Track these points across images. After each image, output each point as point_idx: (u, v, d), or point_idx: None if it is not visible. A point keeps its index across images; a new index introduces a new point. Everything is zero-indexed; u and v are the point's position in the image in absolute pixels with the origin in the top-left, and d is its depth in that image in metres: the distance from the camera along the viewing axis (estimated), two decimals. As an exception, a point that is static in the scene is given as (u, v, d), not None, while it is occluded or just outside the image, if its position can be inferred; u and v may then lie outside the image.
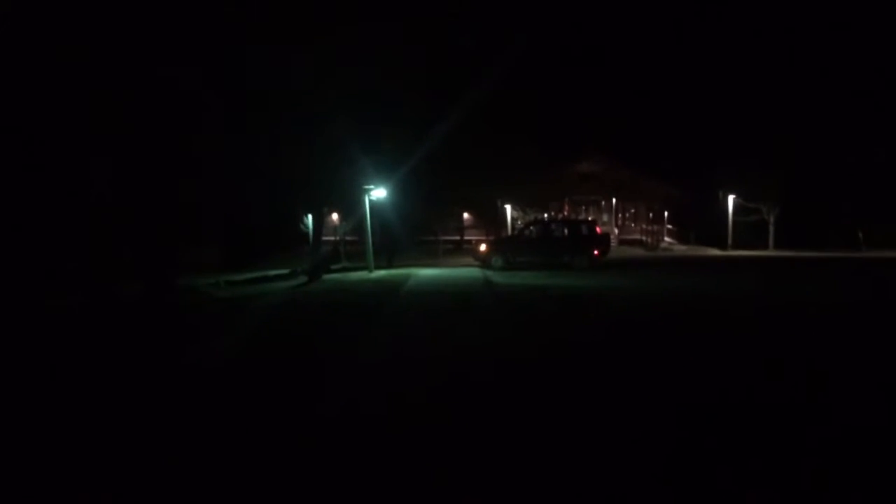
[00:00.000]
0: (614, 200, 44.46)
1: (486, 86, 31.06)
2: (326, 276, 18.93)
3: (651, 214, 46.03)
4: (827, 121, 38.47)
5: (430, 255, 33.38)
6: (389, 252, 28.49)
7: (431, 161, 27.73)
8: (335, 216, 38.41)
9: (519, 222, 39.90)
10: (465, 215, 44.11)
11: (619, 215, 45.10)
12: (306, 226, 31.24)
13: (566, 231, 21.91)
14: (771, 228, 40.43)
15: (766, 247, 40.01)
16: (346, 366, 6.10)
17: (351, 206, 24.70)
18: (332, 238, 36.25)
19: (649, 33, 54.31)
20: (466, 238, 40.90)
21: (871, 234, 37.91)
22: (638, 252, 36.10)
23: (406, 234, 33.19)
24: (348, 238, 34.84)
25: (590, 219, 32.27)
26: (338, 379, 5.56)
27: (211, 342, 7.88)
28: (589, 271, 19.64)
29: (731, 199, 39.75)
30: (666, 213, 46.64)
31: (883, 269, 20.32)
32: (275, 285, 17.45)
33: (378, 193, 20.80)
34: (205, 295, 14.41)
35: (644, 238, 42.33)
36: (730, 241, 39.65)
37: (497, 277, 17.32)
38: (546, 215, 38.63)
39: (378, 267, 23.79)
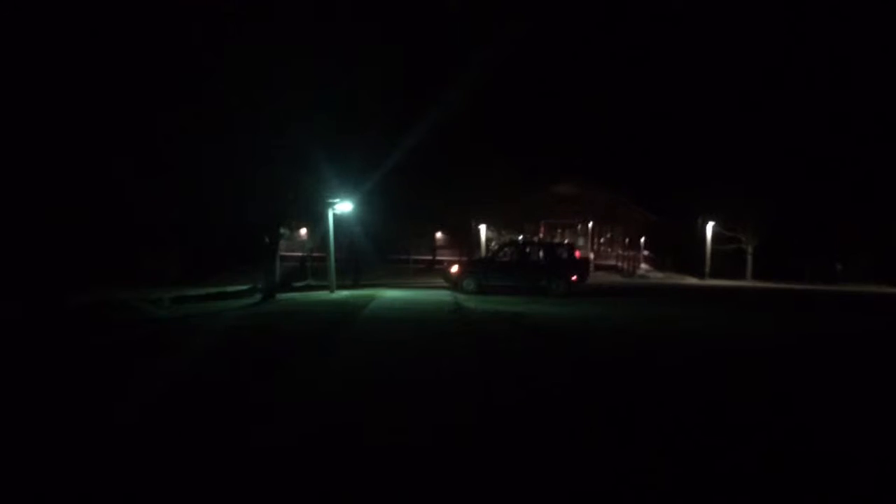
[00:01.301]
0: (591, 224, 43.52)
1: (462, 102, 30.04)
2: (284, 295, 17.48)
3: (628, 240, 45.21)
4: (810, 151, 37.94)
5: (401, 274, 32.06)
6: (356, 270, 27.08)
7: (404, 176, 26.50)
8: (303, 231, 37.03)
9: (493, 244, 38.74)
10: (439, 234, 42.89)
11: (596, 240, 44.12)
12: (274, 240, 29.79)
13: (543, 254, 20.66)
14: (749, 258, 39.69)
15: (743, 276, 39.24)
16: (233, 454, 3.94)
17: (318, 220, 23.27)
18: (300, 254, 34.83)
19: (632, 57, 53.81)
20: (439, 258, 39.64)
21: (850, 266, 37.35)
22: (615, 278, 35.04)
23: (376, 252, 31.86)
24: (316, 254, 33.31)
25: (568, 242, 31.10)
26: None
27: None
28: (565, 298, 18.44)
29: (710, 226, 38.96)
30: (643, 239, 45.83)
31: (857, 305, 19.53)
32: (225, 304, 15.96)
33: (343, 207, 19.39)
34: (133, 313, 12.84)
35: (620, 264, 41.31)
36: (707, 269, 38.80)
37: (468, 302, 15.99)
38: (521, 237, 37.42)
39: (343, 286, 22.38)
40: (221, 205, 19.54)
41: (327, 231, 19.42)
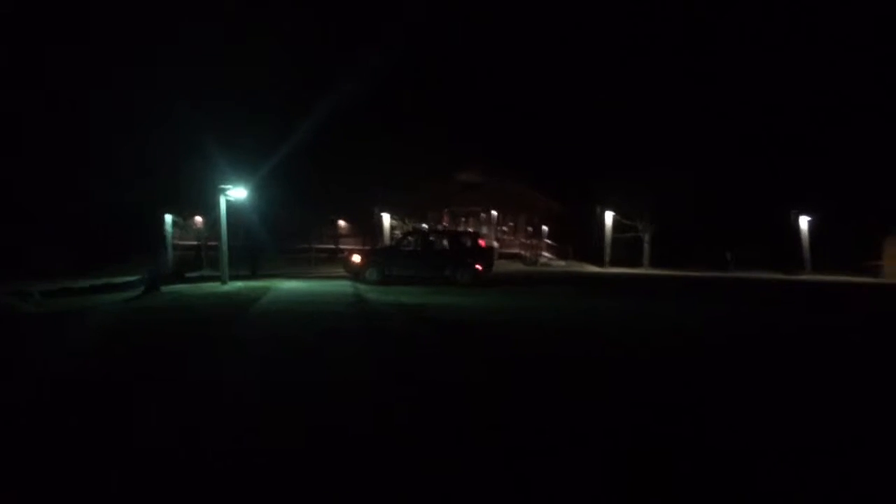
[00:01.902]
0: (494, 213, 43.50)
1: (365, 85, 29.21)
2: (171, 287, 16.22)
3: (531, 228, 45.54)
4: (706, 141, 39.27)
5: (302, 264, 30.91)
6: (253, 260, 25.83)
7: (304, 162, 25.51)
8: (198, 219, 35.22)
9: (397, 232, 38.08)
10: (342, 223, 41.80)
11: (500, 228, 44.17)
12: (165, 229, 28.21)
13: (448, 243, 20.19)
14: (646, 246, 40.72)
15: (641, 265, 40.23)
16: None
17: (211, 207, 21.94)
18: (196, 242, 33.09)
19: (538, 43, 54.10)
20: (342, 247, 38.60)
21: (740, 254, 38.89)
22: (517, 266, 35.13)
23: (276, 241, 30.58)
24: (212, 243, 31.71)
25: (472, 230, 30.81)
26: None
27: None
28: (471, 288, 18.07)
29: (608, 215, 39.69)
30: (545, 228, 46.30)
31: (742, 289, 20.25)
32: (104, 297, 14.59)
33: (237, 193, 18.23)
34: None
35: (523, 252, 41.53)
36: (607, 257, 39.55)
37: (370, 293, 15.32)
38: (425, 225, 36.91)
39: (239, 277, 21.21)
40: (109, 192, 18.16)
41: (219, 219, 18.21)
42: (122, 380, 5.79)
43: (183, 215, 32.15)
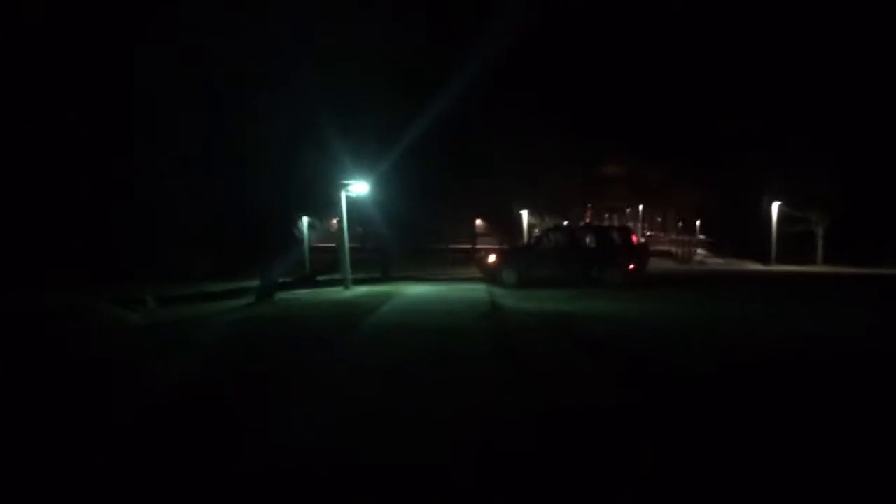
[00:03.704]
0: (641, 207, 40.24)
1: (500, 78, 27.25)
2: (290, 294, 14.96)
3: (681, 223, 41.84)
4: (888, 121, 33.78)
5: (436, 265, 29.34)
6: (384, 262, 24.55)
7: (438, 157, 23.88)
8: (335, 221, 34.64)
9: (536, 230, 35.83)
10: (478, 221, 40.08)
11: (646, 223, 40.78)
12: (300, 230, 27.60)
13: (595, 240, 17.67)
14: (820, 241, 35.92)
15: (813, 261, 35.52)
16: None
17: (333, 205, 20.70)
18: (333, 245, 32.46)
19: (682, 24, 49.65)
20: (478, 247, 36.86)
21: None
22: (669, 265, 31.83)
23: (408, 241, 29.24)
24: (349, 245, 30.91)
25: (623, 225, 27.94)
26: None
27: None
28: (622, 290, 15.57)
29: (775, 206, 35.30)
30: (698, 222, 42.36)
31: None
32: (218, 305, 13.46)
33: (358, 188, 16.72)
34: (94, 320, 10.33)
35: (674, 249, 38.02)
36: (773, 254, 35.22)
37: (506, 299, 13.20)
38: (566, 222, 34.32)
39: (370, 280, 19.88)
40: (255, 196, 17.36)
41: (341, 217, 16.80)
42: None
43: (319, 216, 31.59)
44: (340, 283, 17.04)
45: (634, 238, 18.05)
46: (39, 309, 10.99)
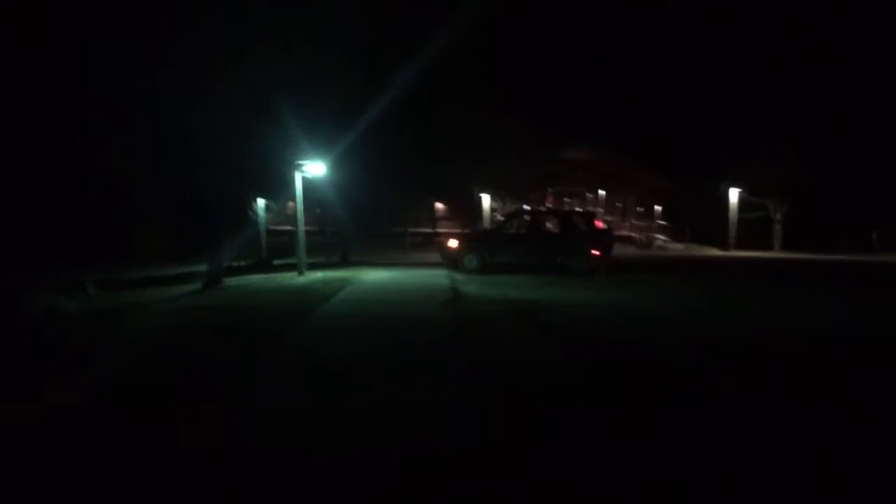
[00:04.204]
0: (602, 192, 40.04)
1: (462, 55, 26.50)
2: (241, 279, 14.22)
3: (641, 209, 41.80)
4: (844, 108, 33.96)
5: (396, 249, 28.71)
6: (343, 246, 23.89)
7: (396, 138, 23.13)
8: (292, 203, 33.67)
9: (497, 215, 35.29)
10: (438, 205, 39.44)
11: (607, 209, 40.62)
12: (255, 212, 26.73)
13: (559, 225, 17.22)
14: (777, 227, 36.17)
15: (770, 247, 35.76)
16: None
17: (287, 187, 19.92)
18: (290, 228, 31.63)
19: (645, 10, 49.52)
20: (439, 231, 36.26)
21: (888, 234, 33.83)
22: (630, 251, 31.67)
23: (367, 225, 28.50)
24: (307, 229, 30.09)
25: (587, 210, 27.54)
26: None
27: None
28: (587, 276, 15.17)
29: (734, 192, 35.40)
30: (657, 208, 42.36)
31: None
32: (163, 291, 12.67)
33: (314, 169, 15.95)
34: (23, 307, 9.50)
35: (635, 235, 37.95)
36: (732, 240, 35.37)
37: (468, 286, 12.65)
38: (527, 207, 33.89)
39: (328, 264, 19.21)
40: (201, 176, 16.49)
41: (296, 200, 16.06)
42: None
43: (275, 198, 30.72)
44: (296, 267, 16.32)
45: (598, 223, 17.64)
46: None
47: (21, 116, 14.59)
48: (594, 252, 16.41)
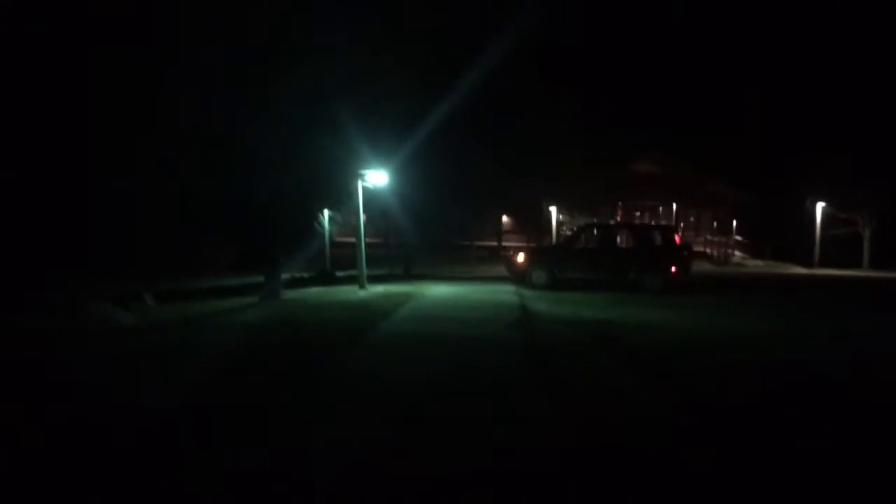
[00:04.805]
0: (675, 206, 38.51)
1: (531, 67, 25.85)
2: (301, 292, 13.84)
3: (716, 223, 40.05)
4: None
5: (461, 263, 28.03)
6: (407, 259, 23.38)
7: (462, 150, 22.56)
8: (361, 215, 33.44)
9: (565, 228, 34.28)
10: (505, 218, 38.63)
11: (681, 223, 39.03)
12: (321, 224, 26.55)
13: (634, 240, 16.23)
14: (866, 243, 33.99)
15: (858, 265, 33.59)
16: None
17: (365, 204, 19.52)
18: (354, 240, 31.36)
19: (727, 23, 47.58)
20: (505, 244, 35.46)
21: None
22: (705, 267, 30.11)
23: (431, 238, 27.97)
24: (370, 240, 29.80)
25: (666, 224, 26.31)
26: None
27: None
28: (663, 295, 14.13)
29: (819, 207, 33.43)
30: (734, 223, 40.55)
31: None
32: (222, 303, 12.32)
33: (376, 179, 15.47)
34: (79, 320, 9.13)
35: (710, 250, 36.25)
36: (816, 257, 33.40)
37: (538, 303, 11.84)
38: (596, 220, 32.72)
39: (391, 277, 18.68)
40: (274, 190, 16.32)
41: (357, 210, 15.60)
42: None
43: (339, 209, 30.57)
44: (356, 280, 15.82)
45: (678, 238, 16.54)
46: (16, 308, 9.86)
47: (88, 128, 14.59)
48: (672, 269, 15.34)
